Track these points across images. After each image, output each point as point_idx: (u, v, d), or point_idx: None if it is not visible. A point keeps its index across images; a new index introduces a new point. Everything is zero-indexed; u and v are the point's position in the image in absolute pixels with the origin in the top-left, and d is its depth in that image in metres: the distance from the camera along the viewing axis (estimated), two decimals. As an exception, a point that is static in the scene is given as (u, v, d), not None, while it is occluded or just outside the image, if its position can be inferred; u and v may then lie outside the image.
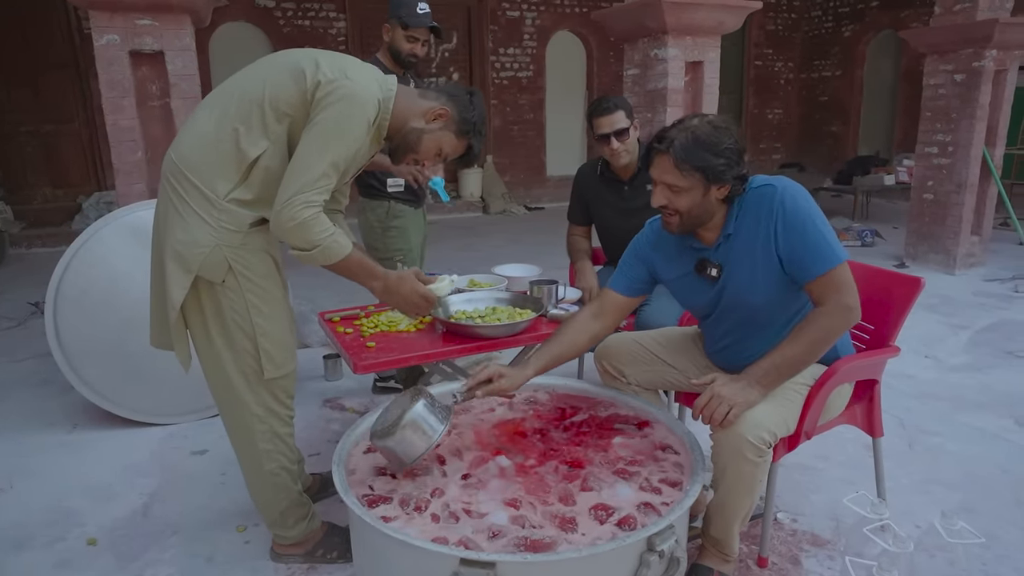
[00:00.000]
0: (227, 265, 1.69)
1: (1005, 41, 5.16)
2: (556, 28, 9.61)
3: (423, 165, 1.97)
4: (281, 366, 1.82)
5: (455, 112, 1.80)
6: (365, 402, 3.21)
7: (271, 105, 1.63)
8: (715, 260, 1.82)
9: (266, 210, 1.68)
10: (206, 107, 1.72)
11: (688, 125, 1.70)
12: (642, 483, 1.60)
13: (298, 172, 1.59)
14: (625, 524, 1.45)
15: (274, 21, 8.11)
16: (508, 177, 9.57)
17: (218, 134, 1.65)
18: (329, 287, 4.91)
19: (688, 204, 1.72)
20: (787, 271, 1.73)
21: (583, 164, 3.03)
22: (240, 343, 1.76)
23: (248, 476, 1.95)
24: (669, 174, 1.70)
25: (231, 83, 1.73)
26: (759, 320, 1.82)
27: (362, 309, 2.57)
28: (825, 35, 10.82)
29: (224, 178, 1.66)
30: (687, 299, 1.99)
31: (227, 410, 1.87)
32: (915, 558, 1.97)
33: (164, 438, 2.86)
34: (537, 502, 1.53)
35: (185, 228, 1.66)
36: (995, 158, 5.49)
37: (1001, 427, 2.91)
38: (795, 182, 1.75)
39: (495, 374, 1.75)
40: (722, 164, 1.66)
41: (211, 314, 1.74)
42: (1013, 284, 5.15)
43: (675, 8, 3.74)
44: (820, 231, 1.67)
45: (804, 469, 2.51)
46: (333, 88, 1.60)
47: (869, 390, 2.07)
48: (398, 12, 2.77)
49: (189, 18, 3.11)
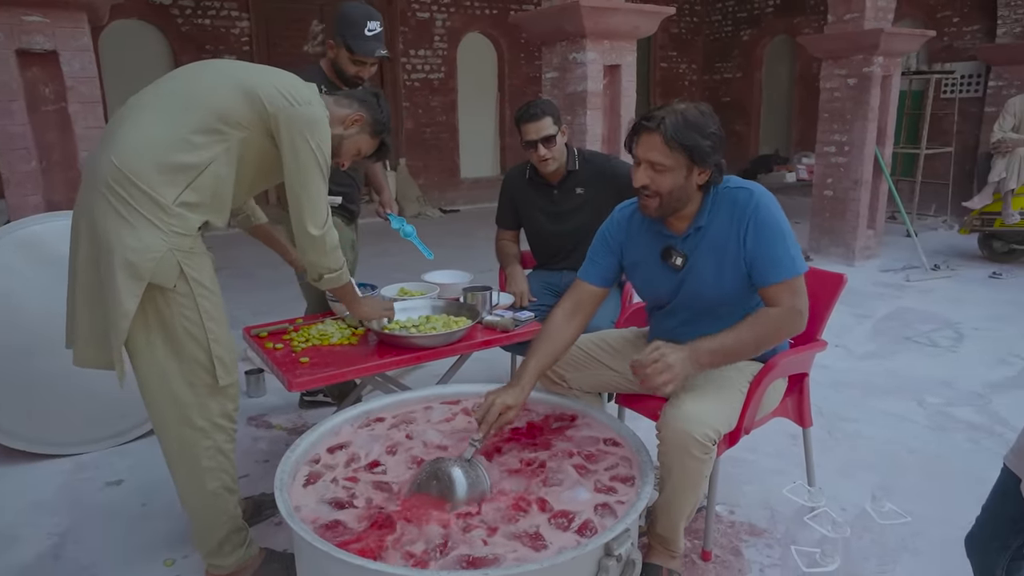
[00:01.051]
0: (179, 270, 1.65)
1: (890, 49, 5.55)
2: (467, 30, 9.59)
3: (342, 165, 2.03)
4: (231, 372, 1.80)
5: (368, 116, 1.97)
6: (292, 418, 3.08)
7: (225, 117, 1.68)
8: (681, 249, 1.85)
9: (211, 214, 1.73)
10: (149, 111, 1.67)
11: (677, 108, 1.73)
12: (596, 482, 1.60)
13: (312, 198, 1.77)
14: (585, 529, 1.44)
15: (171, 20, 7.69)
16: (422, 180, 9.47)
17: (168, 140, 1.64)
18: (242, 300, 4.69)
19: (670, 185, 1.74)
20: (748, 273, 1.78)
21: (511, 168, 3.02)
22: (190, 352, 1.70)
23: (188, 499, 1.84)
24: (656, 151, 1.71)
25: (171, 86, 1.73)
26: (714, 315, 1.86)
27: (290, 323, 2.46)
28: (725, 39, 11.30)
29: (172, 183, 1.64)
30: (647, 285, 2.00)
31: (168, 426, 1.77)
32: (848, 542, 2.06)
33: (73, 470, 2.64)
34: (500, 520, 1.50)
35: (136, 235, 1.60)
36: (885, 156, 5.88)
37: (907, 409, 3.11)
38: (769, 192, 1.81)
39: (503, 407, 1.67)
40: (708, 146, 1.70)
41: (156, 323, 1.68)
42: (905, 274, 5.54)
43: (593, 13, 3.79)
44: (786, 243, 1.74)
45: (736, 461, 2.59)
46: (301, 115, 1.72)
47: (799, 383, 2.16)
48: (343, 32, 2.53)
49: (85, 15, 2.88)
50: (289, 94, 1.72)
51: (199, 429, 1.76)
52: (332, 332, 2.35)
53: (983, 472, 2.51)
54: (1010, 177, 5.47)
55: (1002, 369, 3.57)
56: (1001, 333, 4.12)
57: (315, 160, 1.75)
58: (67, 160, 1.56)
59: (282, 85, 1.74)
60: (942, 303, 4.74)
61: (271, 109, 1.70)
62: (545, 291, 2.89)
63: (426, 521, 1.45)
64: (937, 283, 5.29)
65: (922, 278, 5.39)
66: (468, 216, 9.05)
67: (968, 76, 8.32)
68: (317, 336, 2.32)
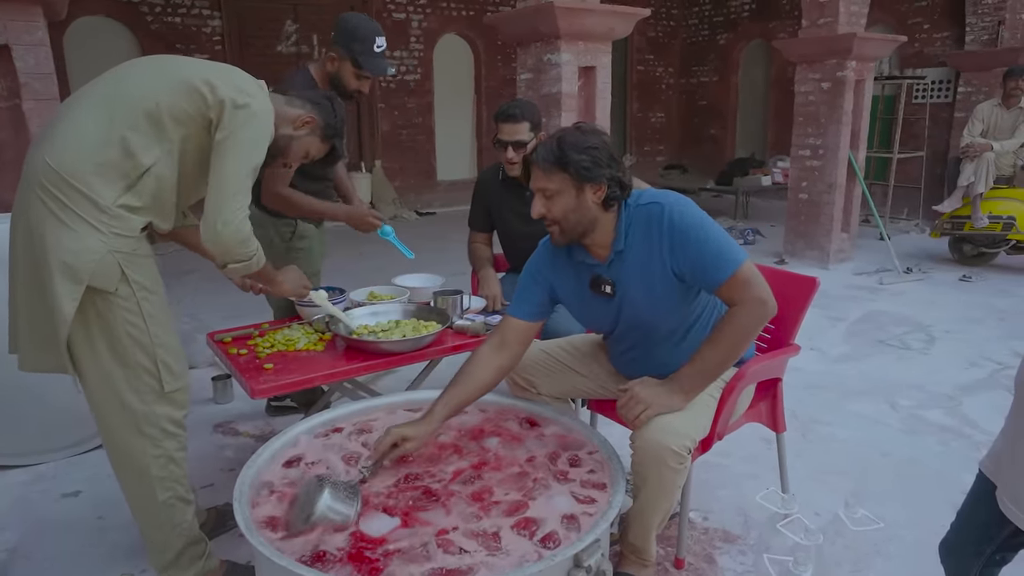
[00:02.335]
0: (120, 272, 1.59)
1: (863, 53, 5.60)
2: (443, 31, 9.53)
3: (289, 166, 2.01)
4: (179, 377, 1.74)
5: (320, 118, 1.93)
6: (260, 425, 3.01)
7: (167, 115, 1.62)
8: (608, 277, 1.80)
9: (154, 216, 1.67)
10: (84, 110, 1.60)
11: (555, 134, 1.72)
12: (574, 489, 1.56)
13: (229, 190, 1.63)
14: (549, 541, 1.40)
15: (140, 17, 7.53)
16: (398, 182, 9.37)
17: (105, 139, 1.58)
18: (213, 304, 4.60)
19: (563, 209, 1.70)
20: (690, 284, 1.73)
21: (484, 170, 2.98)
22: (135, 358, 1.64)
23: (139, 512, 1.78)
24: (539, 180, 1.71)
25: (109, 85, 1.66)
26: (660, 333, 1.84)
27: (255, 327, 2.40)
28: (702, 42, 11.36)
29: (111, 184, 1.58)
30: (586, 317, 1.98)
31: (115, 435, 1.71)
32: (820, 547, 2.04)
33: (27, 482, 2.54)
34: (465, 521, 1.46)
35: (73, 236, 1.54)
36: (858, 160, 5.93)
37: (879, 412, 3.12)
38: (680, 195, 1.76)
39: (398, 438, 1.63)
40: (586, 160, 1.64)
41: (98, 328, 1.61)
42: (878, 277, 5.59)
43: (567, 13, 3.76)
44: (714, 239, 1.68)
45: (709, 466, 2.57)
46: (242, 107, 1.64)
47: (772, 388, 2.14)
48: (351, 47, 2.42)
49: (40, 9, 2.77)
50: (231, 86, 1.66)
51: (148, 437, 1.70)
52: (298, 337, 2.29)
53: (953, 474, 2.53)
54: (978, 181, 5.54)
55: (972, 371, 3.59)
56: (971, 335, 4.15)
57: (246, 153, 1.65)
58: (21, 159, 1.47)
59: (223, 78, 1.67)
60: (914, 306, 4.78)
61: (211, 101, 1.63)
62: (518, 294, 2.85)
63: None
64: (909, 286, 5.34)
65: (895, 281, 5.44)
66: (444, 219, 8.98)
67: (939, 82, 8.43)
68: (282, 341, 2.26)
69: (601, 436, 1.75)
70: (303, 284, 2.20)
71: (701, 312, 1.84)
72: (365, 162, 9.08)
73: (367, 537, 1.41)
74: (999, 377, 3.50)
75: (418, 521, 1.45)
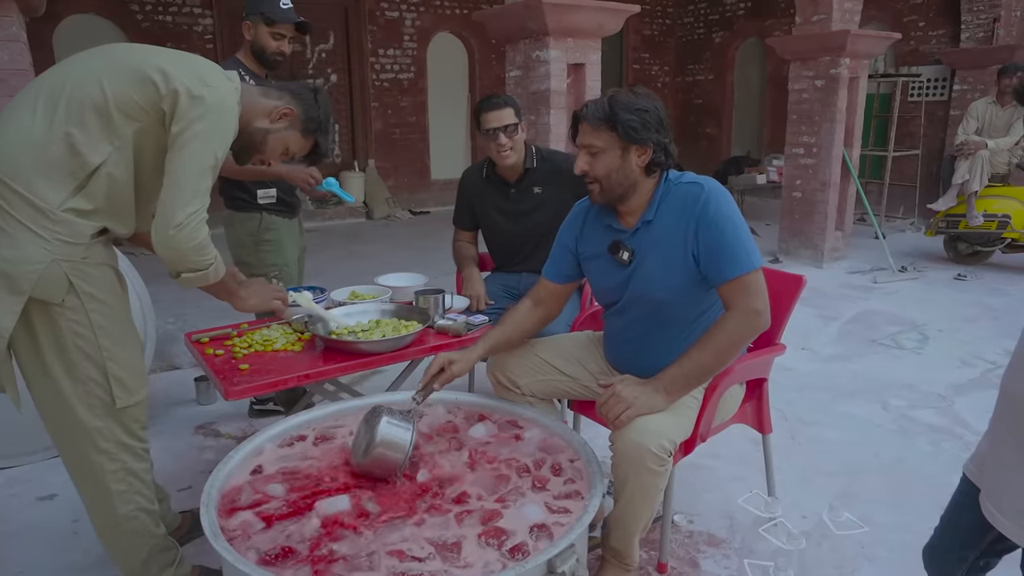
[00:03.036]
0: (67, 283, 1.49)
1: (856, 50, 5.57)
2: (436, 29, 9.48)
3: (269, 164, 1.88)
4: (134, 392, 1.64)
5: (300, 111, 1.79)
6: (243, 427, 2.97)
7: (116, 108, 1.49)
8: (629, 245, 1.80)
9: (109, 220, 1.55)
10: (25, 106, 1.49)
11: (607, 92, 1.72)
12: (547, 500, 1.51)
13: (183, 189, 1.50)
14: (517, 552, 1.35)
15: (131, 15, 7.48)
16: (392, 181, 9.33)
17: (47, 137, 1.46)
18: (197, 303, 4.54)
19: (606, 167, 1.71)
20: (701, 271, 1.72)
21: (468, 167, 2.94)
22: (84, 371, 1.55)
23: (99, 524, 1.71)
24: (587, 135, 1.71)
25: (52, 80, 1.52)
26: (662, 315, 1.81)
27: (234, 328, 2.35)
28: (697, 41, 11.32)
29: (56, 186, 1.46)
30: (598, 280, 1.95)
31: (70, 450, 1.63)
32: (805, 550, 2.01)
33: (2, 485, 2.50)
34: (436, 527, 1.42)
35: (11, 243, 1.44)
36: (853, 158, 5.89)
37: (871, 412, 3.08)
38: (722, 186, 1.76)
39: (445, 362, 1.78)
40: (635, 121, 1.65)
41: (46, 341, 1.52)
42: (872, 275, 5.55)
43: (555, 10, 3.72)
44: (739, 236, 1.68)
45: (696, 468, 2.53)
46: (198, 98, 1.51)
47: (758, 388, 2.10)
48: (259, 7, 2.55)
49: (15, 3, 2.72)
50: (187, 75, 1.52)
51: (103, 452, 1.61)
52: (276, 337, 2.24)
53: (943, 476, 2.49)
54: (973, 179, 5.51)
55: (965, 371, 3.56)
56: (965, 335, 4.12)
57: (203, 149, 1.51)
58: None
59: (180, 66, 1.54)
60: (908, 305, 4.75)
61: (164, 91, 1.49)
62: (503, 294, 2.81)
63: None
64: (904, 285, 5.30)
65: (889, 280, 5.40)
66: (438, 218, 8.94)
67: (934, 80, 8.40)
68: (260, 342, 2.21)
69: (579, 436, 1.71)
70: (274, 297, 2.01)
71: (707, 309, 1.81)
72: (358, 161, 9.03)
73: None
74: (991, 376, 3.46)
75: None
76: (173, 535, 1.96)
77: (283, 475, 1.61)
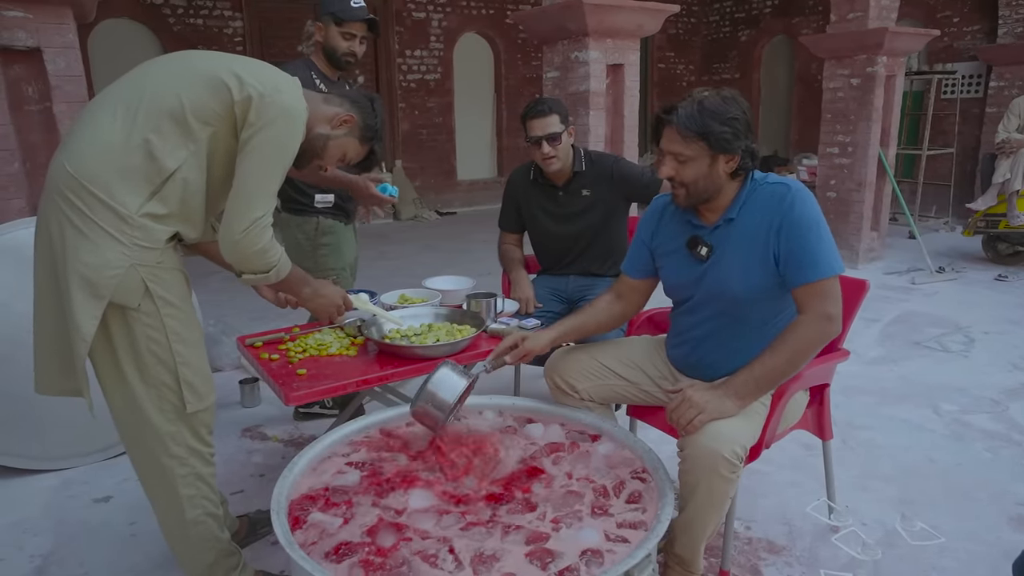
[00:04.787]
0: (143, 287, 1.51)
1: (894, 48, 5.48)
2: (463, 30, 9.48)
3: (326, 169, 1.92)
4: (204, 397, 1.66)
5: (360, 119, 1.83)
6: (289, 429, 2.98)
7: (192, 114, 1.51)
8: (709, 240, 1.79)
9: (181, 225, 1.58)
10: (105, 112, 1.51)
11: (696, 96, 1.69)
12: (608, 527, 1.45)
13: (251, 195, 1.55)
14: (568, 572, 1.31)
15: (163, 19, 7.57)
16: (418, 182, 9.35)
17: (127, 144, 1.48)
18: (236, 305, 4.59)
19: (694, 175, 1.70)
20: (780, 271, 1.70)
21: (516, 169, 2.92)
22: (157, 376, 1.57)
23: (168, 528, 1.73)
24: (675, 143, 1.69)
25: (130, 87, 1.55)
26: (735, 314, 1.79)
27: (286, 332, 2.35)
28: (723, 39, 11.23)
29: (134, 192, 1.49)
30: (672, 276, 1.93)
31: (141, 455, 1.65)
32: (880, 560, 1.97)
33: (58, 487, 2.52)
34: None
35: (93, 249, 1.46)
36: (888, 158, 5.80)
37: (923, 417, 3.02)
38: (808, 189, 1.74)
39: (519, 338, 1.82)
40: (727, 132, 1.64)
41: (122, 346, 1.54)
42: (910, 276, 5.46)
43: (596, 11, 3.70)
44: (821, 241, 1.66)
45: (750, 474, 2.48)
46: (269, 104, 1.54)
47: (820, 394, 2.07)
48: (330, 8, 2.54)
49: (71, 11, 2.76)
50: (259, 81, 1.55)
51: (175, 457, 1.63)
52: (330, 342, 2.24)
53: (1005, 483, 2.44)
54: (1015, 178, 5.40)
55: (1016, 375, 3.48)
56: (1012, 337, 4.04)
57: (273, 154, 1.56)
58: (51, 162, 1.50)
59: (253, 71, 1.57)
60: (949, 306, 4.67)
61: (238, 97, 1.52)
62: (551, 297, 2.79)
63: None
64: (943, 286, 5.21)
65: (927, 280, 5.31)
66: (465, 218, 8.95)
67: (969, 76, 8.26)
68: (314, 346, 2.21)
69: (644, 444, 1.68)
70: (337, 304, 2.01)
71: (779, 313, 1.79)
72: (385, 162, 9.05)
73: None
74: (1045, 381, 3.39)
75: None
76: (232, 539, 1.97)
77: (345, 477, 1.61)
